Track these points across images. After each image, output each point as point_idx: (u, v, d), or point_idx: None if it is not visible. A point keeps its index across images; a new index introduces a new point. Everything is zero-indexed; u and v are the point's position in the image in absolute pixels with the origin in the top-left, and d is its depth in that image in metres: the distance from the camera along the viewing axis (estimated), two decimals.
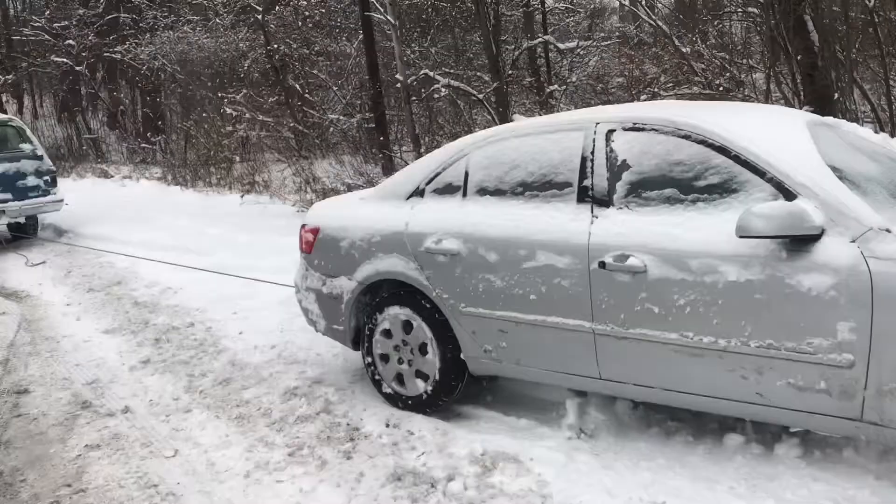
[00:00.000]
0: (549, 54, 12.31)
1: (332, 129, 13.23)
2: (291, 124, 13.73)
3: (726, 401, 3.27)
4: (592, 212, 3.57)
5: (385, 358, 4.33)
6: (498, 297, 3.81)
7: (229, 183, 13.79)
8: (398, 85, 11.10)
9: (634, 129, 3.57)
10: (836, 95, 6.87)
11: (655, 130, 3.50)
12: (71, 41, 19.96)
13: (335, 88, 13.99)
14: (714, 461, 3.43)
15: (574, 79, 11.65)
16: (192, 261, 7.81)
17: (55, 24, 20.20)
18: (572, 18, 14.78)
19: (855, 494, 3.03)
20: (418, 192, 4.29)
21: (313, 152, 13.52)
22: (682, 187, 3.35)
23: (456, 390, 4.14)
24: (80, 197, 13.91)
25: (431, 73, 11.32)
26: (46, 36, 20.46)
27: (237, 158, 14.46)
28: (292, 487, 3.54)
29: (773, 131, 3.42)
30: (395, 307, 4.24)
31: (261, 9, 14.46)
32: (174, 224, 10.52)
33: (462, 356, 4.06)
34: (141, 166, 17.07)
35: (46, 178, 10.86)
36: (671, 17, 10.67)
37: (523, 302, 3.72)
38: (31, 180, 10.65)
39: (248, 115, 14.00)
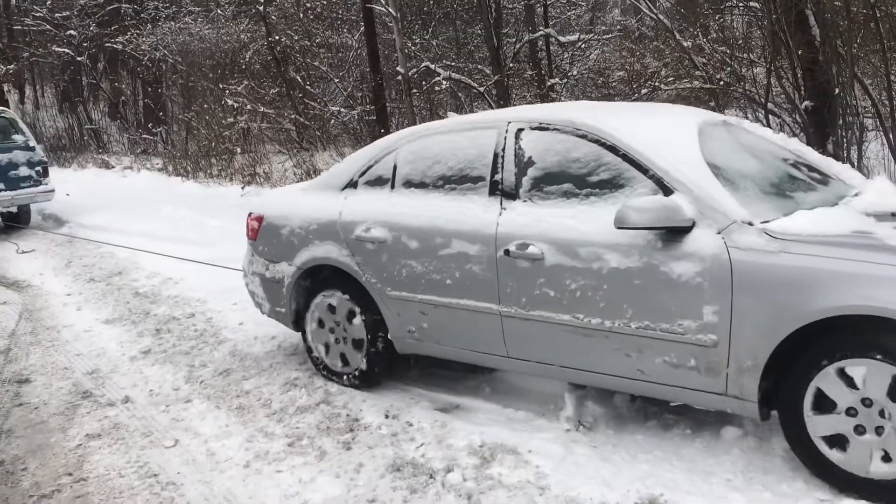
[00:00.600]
0: (551, 47, 12.28)
1: (332, 121, 13.24)
2: (292, 116, 13.74)
3: (614, 377, 3.58)
4: (501, 204, 3.87)
5: (322, 337, 4.64)
6: (419, 281, 4.12)
7: (230, 174, 13.81)
8: (399, 77, 11.11)
9: (540, 128, 3.89)
10: (837, 90, 6.86)
11: (558, 130, 3.81)
12: (72, 31, 19.96)
13: (336, 80, 14.00)
14: (711, 454, 3.45)
15: (575, 72, 11.65)
16: (193, 252, 7.83)
17: (57, 14, 20.20)
18: (574, 11, 14.75)
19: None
20: (352, 184, 4.58)
21: (314, 144, 13.53)
22: (578, 182, 3.66)
23: (385, 367, 4.47)
24: (81, 187, 13.95)
25: (432, 66, 11.34)
26: (48, 26, 20.46)
27: (238, 150, 14.46)
28: (292, 477, 3.56)
29: (662, 132, 3.70)
30: (331, 291, 4.55)
31: (262, 0, 14.43)
32: (175, 215, 10.54)
33: (389, 336, 4.37)
34: (142, 157, 17.09)
35: (38, 168, 11.05)
36: (672, 10, 10.65)
37: (441, 286, 4.03)
38: (23, 171, 10.86)
39: (249, 107, 14.01)
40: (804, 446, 3.11)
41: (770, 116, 7.90)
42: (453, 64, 12.38)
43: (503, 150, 3.95)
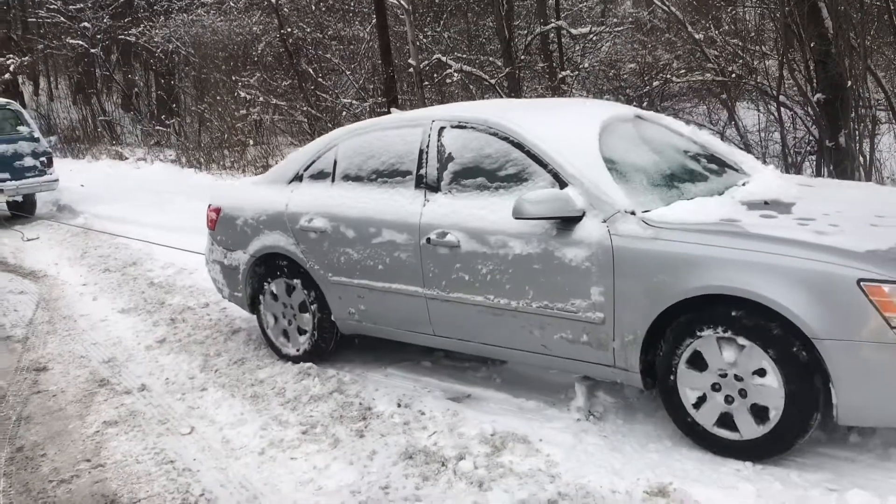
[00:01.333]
0: (562, 39, 12.26)
1: (344, 113, 13.25)
2: (304, 108, 13.77)
3: (523, 352, 3.96)
4: (425, 196, 4.22)
5: (274, 318, 5.02)
6: (355, 267, 4.47)
7: (243, 166, 13.87)
8: (411, 69, 11.14)
9: (459, 126, 4.23)
10: (850, 83, 6.85)
11: (474, 128, 4.15)
12: (86, 23, 20.04)
13: (348, 72, 14.02)
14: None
15: (586, 64, 11.61)
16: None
17: (70, 6, 20.27)
18: (585, 3, 14.70)
19: (855, 480, 3.09)
20: (298, 178, 4.92)
21: None
22: (490, 176, 4.01)
23: (331, 345, 4.83)
24: (95, 178, 14.06)
25: (444, 58, 11.34)
26: (62, 18, 20.54)
27: (251, 142, 14.52)
28: (306, 464, 3.62)
29: (564, 129, 4.00)
30: (280, 277, 4.92)
31: None
32: (188, 206, 10.60)
33: (333, 318, 4.72)
34: (155, 148, 17.17)
35: (42, 158, 11.46)
36: (684, 2, 10.60)
37: (374, 272, 4.39)
38: (28, 161, 11.26)
39: (261, 99, 14.06)
40: (677, 412, 3.46)
41: (782, 109, 7.89)
42: (465, 56, 12.37)
43: (427, 146, 4.29)
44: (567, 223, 3.61)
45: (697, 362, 3.34)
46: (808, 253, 3.08)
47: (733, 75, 8.37)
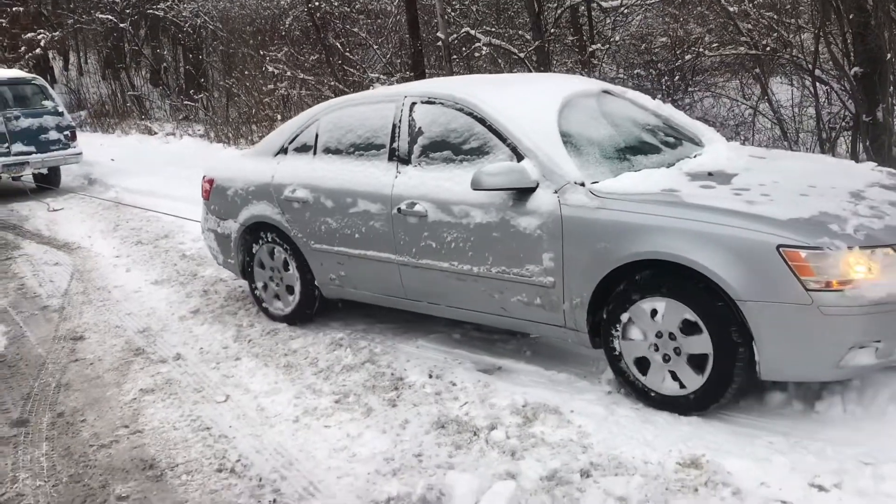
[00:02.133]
0: (592, 13, 12.11)
1: (372, 87, 13.22)
2: (332, 83, 13.75)
3: (485, 314, 4.22)
4: (397, 168, 4.46)
5: (263, 282, 5.34)
6: (335, 235, 4.74)
7: None
8: (439, 43, 11.07)
9: (429, 102, 4.46)
10: (889, 55, 6.70)
11: (442, 104, 4.39)
12: None
13: (375, 47, 13.97)
14: (754, 417, 3.49)
15: (617, 38, 11.46)
16: None
17: None
18: None
19: (891, 454, 3.06)
20: (283, 150, 5.20)
21: None
22: (455, 150, 4.25)
23: (314, 307, 5.13)
24: (124, 153, 14.19)
25: (472, 32, 11.25)
26: None
27: (279, 116, 14.54)
28: (339, 432, 3.67)
29: (526, 104, 4.20)
30: (268, 243, 5.20)
31: None
32: None
33: (316, 283, 5.00)
34: (184, 123, 17.26)
35: (66, 132, 11.77)
36: None
37: (351, 240, 4.66)
38: (53, 135, 11.58)
39: (289, 74, 14.05)
40: (619, 369, 3.71)
41: (817, 84, 7.76)
42: (493, 30, 12.27)
43: (399, 121, 4.53)
44: (522, 194, 3.85)
45: (636, 324, 3.58)
46: (736, 221, 3.30)
47: (767, 49, 8.23)
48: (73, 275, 6.98)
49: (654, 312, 3.50)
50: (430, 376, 4.16)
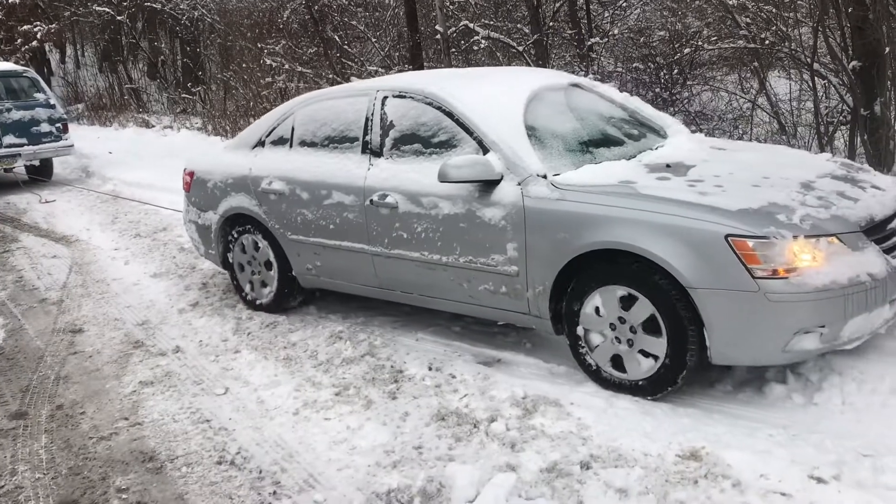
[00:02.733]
0: (591, 6, 12.09)
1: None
2: (330, 76, 13.72)
3: (455, 302, 4.35)
4: (370, 161, 4.56)
5: (242, 271, 5.44)
6: (310, 227, 4.84)
7: None
8: (437, 36, 11.05)
9: (400, 96, 4.55)
10: (888, 49, 6.70)
11: (412, 98, 4.48)
12: None
13: (373, 40, 13.94)
14: (754, 410, 3.49)
15: (615, 32, 11.46)
16: None
17: None
18: None
19: (891, 446, 3.07)
20: (261, 143, 5.30)
21: None
22: (425, 143, 4.35)
23: (292, 296, 5.25)
24: (122, 146, 14.16)
25: (471, 25, 11.24)
26: None
27: None
28: (340, 424, 3.67)
29: (492, 98, 4.29)
30: (246, 234, 5.31)
31: None
32: None
33: (293, 273, 5.10)
34: (181, 116, 17.23)
35: (58, 124, 11.78)
36: None
37: (326, 231, 4.76)
38: (45, 127, 11.59)
39: (286, 66, 14.02)
40: (579, 355, 3.85)
41: (815, 77, 7.75)
42: (492, 23, 12.25)
43: (372, 114, 4.62)
44: (487, 186, 3.97)
45: (594, 311, 3.71)
46: (687, 211, 3.42)
47: (765, 43, 8.22)
48: (72, 267, 6.97)
49: (611, 300, 3.63)
50: (430, 369, 4.16)
